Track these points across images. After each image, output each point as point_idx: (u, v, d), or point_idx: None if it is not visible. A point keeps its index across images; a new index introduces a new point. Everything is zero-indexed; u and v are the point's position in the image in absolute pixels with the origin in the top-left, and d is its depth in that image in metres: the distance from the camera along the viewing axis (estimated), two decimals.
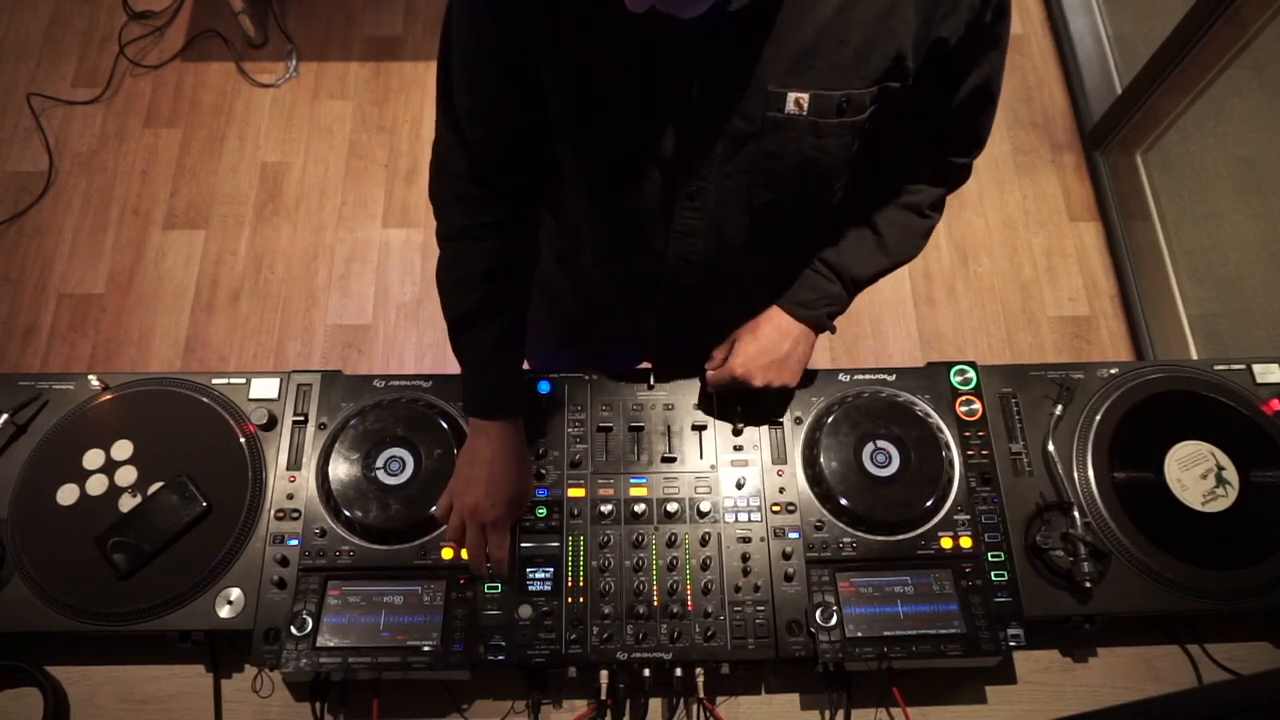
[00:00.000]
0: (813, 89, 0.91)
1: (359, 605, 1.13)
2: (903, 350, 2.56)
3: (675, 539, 1.18)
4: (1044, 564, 1.18)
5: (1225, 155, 2.44)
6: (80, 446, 1.22)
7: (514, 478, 1.13)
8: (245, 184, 2.77)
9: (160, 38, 3.00)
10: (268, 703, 1.16)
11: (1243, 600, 1.17)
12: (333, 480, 1.19)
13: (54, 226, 2.69)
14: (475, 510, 1.10)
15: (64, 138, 2.82)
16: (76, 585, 1.14)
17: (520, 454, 1.15)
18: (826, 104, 0.92)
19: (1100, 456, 1.24)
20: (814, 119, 0.93)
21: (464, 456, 1.14)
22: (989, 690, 1.18)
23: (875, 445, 1.23)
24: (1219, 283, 2.40)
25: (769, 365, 1.18)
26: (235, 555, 1.16)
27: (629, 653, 1.11)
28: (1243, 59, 2.24)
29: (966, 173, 1.17)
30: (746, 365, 1.17)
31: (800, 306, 1.18)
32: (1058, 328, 2.60)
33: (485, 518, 1.10)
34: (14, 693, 1.16)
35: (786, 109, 0.92)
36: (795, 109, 0.92)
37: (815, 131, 0.94)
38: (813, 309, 1.18)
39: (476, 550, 1.11)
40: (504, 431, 1.13)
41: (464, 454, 1.15)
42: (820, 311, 1.19)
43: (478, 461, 1.11)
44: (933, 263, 2.69)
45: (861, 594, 1.15)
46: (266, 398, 1.27)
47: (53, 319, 2.56)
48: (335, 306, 2.59)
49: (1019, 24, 3.09)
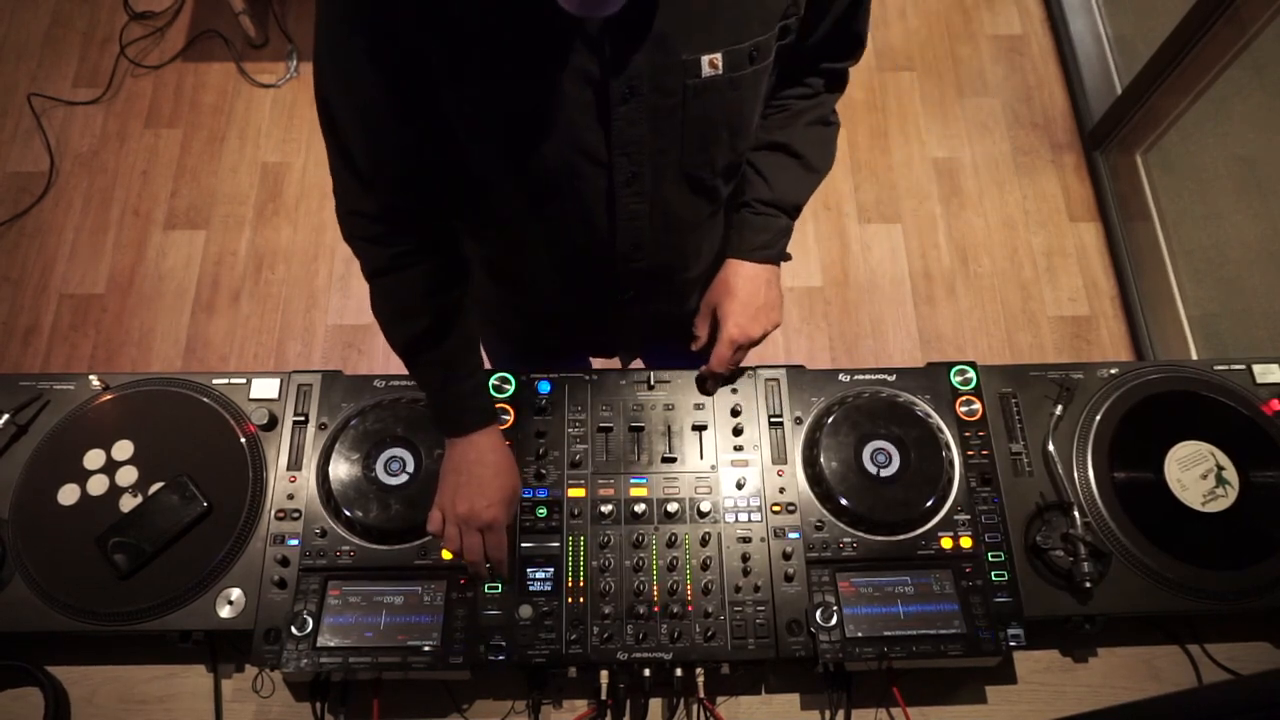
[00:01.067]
0: (723, 47, 0.92)
1: (359, 605, 1.13)
2: (903, 350, 2.56)
3: (675, 539, 1.18)
4: (1044, 564, 1.18)
5: (1225, 155, 2.44)
6: (81, 446, 1.22)
7: (502, 477, 1.10)
8: (246, 184, 2.77)
9: (161, 38, 3.00)
10: (268, 703, 1.16)
11: (1243, 600, 1.17)
12: (333, 480, 1.19)
13: (55, 227, 2.69)
14: (470, 516, 1.07)
15: (65, 138, 2.82)
16: (77, 585, 1.14)
17: (503, 453, 1.12)
18: (739, 57, 0.93)
19: (1100, 456, 1.24)
20: (730, 74, 0.94)
21: (447, 468, 1.11)
22: (989, 690, 1.18)
23: (875, 445, 1.23)
24: (1219, 283, 2.40)
25: (757, 314, 1.20)
26: (236, 555, 1.16)
27: (629, 653, 1.11)
28: (1243, 59, 2.24)
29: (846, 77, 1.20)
30: (740, 325, 1.18)
31: (760, 250, 1.20)
32: (1058, 328, 2.60)
33: (481, 521, 1.07)
34: (14, 693, 1.16)
35: (703, 73, 0.93)
36: (711, 70, 0.93)
37: (733, 85, 0.96)
38: (771, 248, 1.21)
39: (477, 555, 1.09)
40: (482, 437, 1.10)
41: (446, 466, 1.11)
42: (777, 248, 1.21)
43: (462, 469, 1.09)
44: (933, 263, 2.69)
45: (861, 594, 1.15)
46: (267, 398, 1.27)
47: (53, 319, 2.56)
48: (336, 306, 2.59)
49: (1019, 24, 3.09)
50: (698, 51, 0.91)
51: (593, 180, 1.01)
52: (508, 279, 1.27)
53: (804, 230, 2.74)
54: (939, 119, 2.90)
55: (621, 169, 1.00)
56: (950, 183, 2.79)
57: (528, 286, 1.26)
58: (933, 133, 2.88)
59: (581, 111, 0.94)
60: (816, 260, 2.69)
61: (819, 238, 2.73)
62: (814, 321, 2.61)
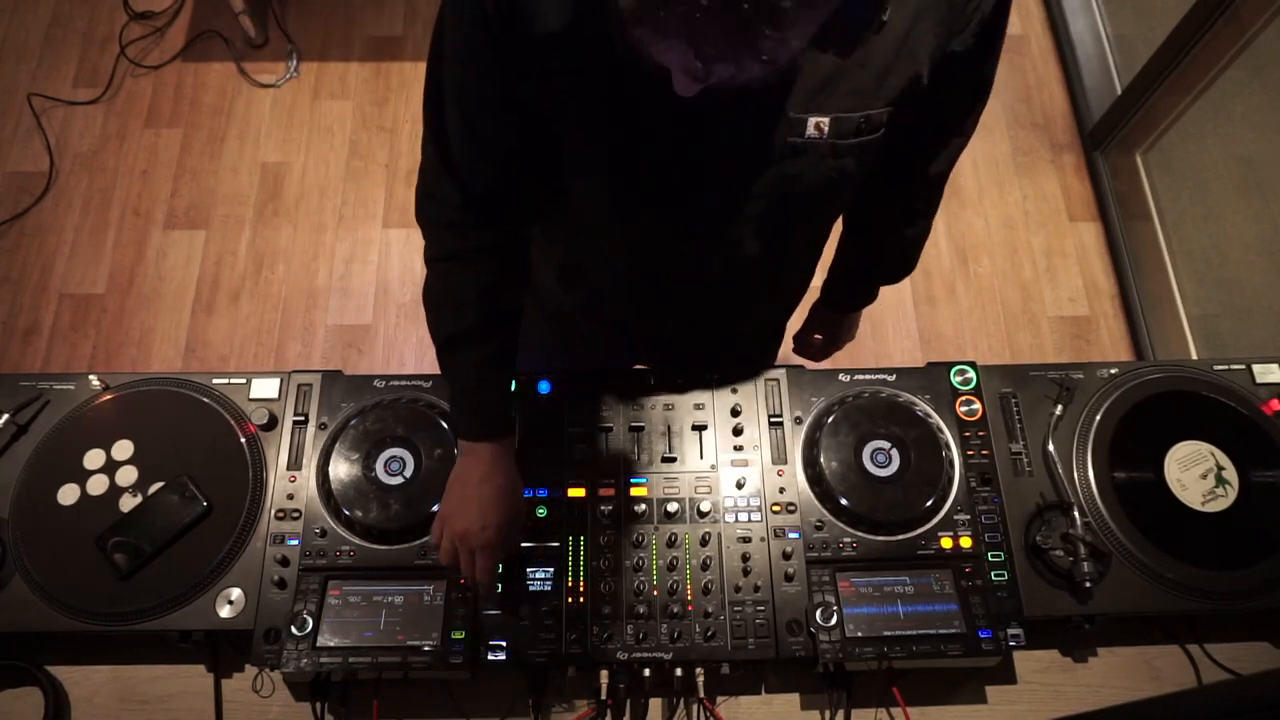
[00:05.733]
0: (832, 113, 0.90)
1: (359, 605, 1.13)
2: (903, 350, 2.56)
3: (675, 539, 1.18)
4: (1044, 564, 1.18)
5: (1225, 155, 2.44)
6: (81, 446, 1.22)
7: (505, 501, 1.09)
8: (246, 184, 2.77)
9: (161, 38, 3.00)
10: (268, 703, 1.16)
11: (1243, 600, 1.17)
12: (333, 480, 1.19)
13: (55, 227, 2.69)
14: (465, 535, 1.06)
15: (65, 138, 2.82)
16: (77, 585, 1.14)
17: (511, 476, 1.11)
18: (845, 126, 0.91)
19: (1100, 456, 1.24)
20: (833, 141, 0.92)
21: (454, 478, 1.11)
22: (989, 690, 1.18)
23: (875, 445, 1.23)
24: (1219, 283, 2.40)
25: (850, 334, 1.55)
26: (236, 555, 1.16)
27: (629, 653, 1.11)
28: (1243, 59, 2.24)
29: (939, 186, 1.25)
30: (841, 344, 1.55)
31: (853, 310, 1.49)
32: (1058, 328, 2.60)
33: (474, 543, 1.06)
34: (14, 692, 1.16)
35: (807, 134, 0.91)
36: (815, 133, 0.91)
37: (834, 153, 0.94)
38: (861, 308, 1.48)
39: (467, 573, 1.08)
40: (494, 453, 1.10)
41: (454, 476, 1.11)
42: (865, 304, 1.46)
43: (468, 484, 1.08)
44: (933, 263, 2.69)
45: (861, 594, 1.15)
46: (267, 398, 1.27)
47: (53, 319, 2.56)
48: (335, 306, 2.59)
49: (1019, 24, 3.09)
50: (806, 112, 0.89)
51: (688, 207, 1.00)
52: (579, 284, 1.26)
53: None
54: None
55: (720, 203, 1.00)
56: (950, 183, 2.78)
57: (601, 292, 1.25)
58: None
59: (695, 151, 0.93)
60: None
61: None
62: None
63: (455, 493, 1.10)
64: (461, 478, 1.10)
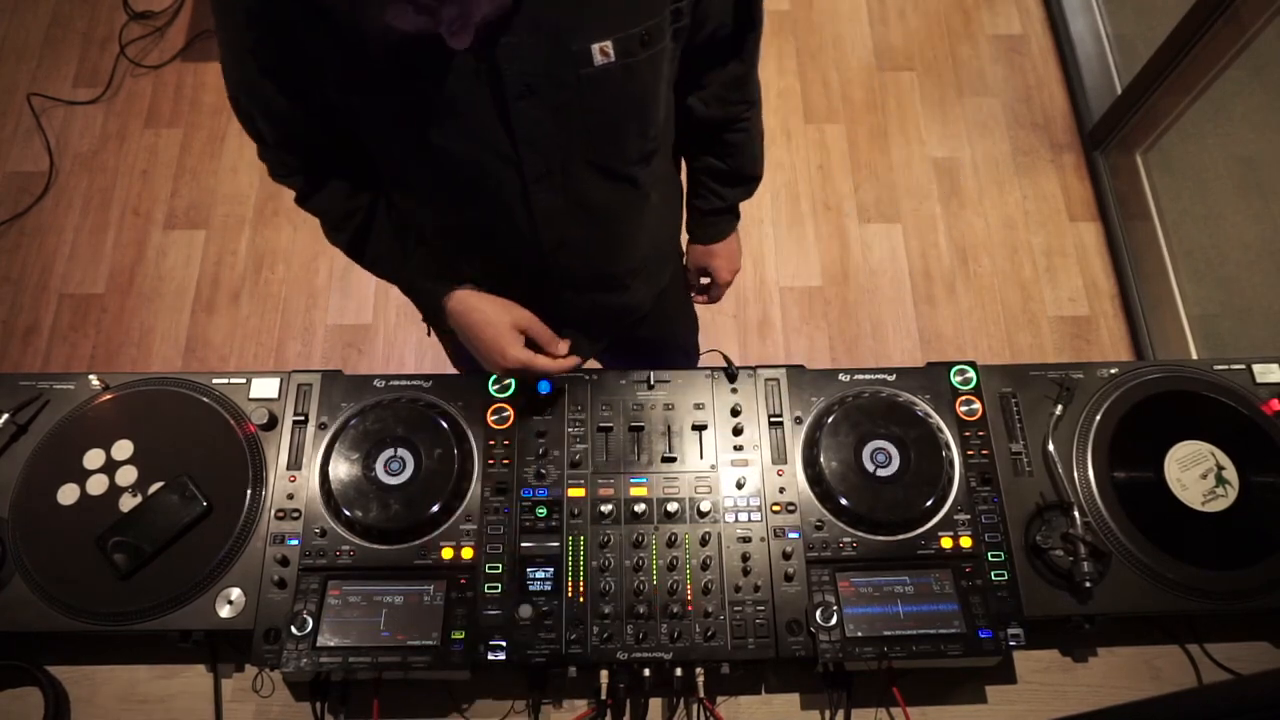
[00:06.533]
0: (612, 35, 0.92)
1: (359, 605, 1.13)
2: (903, 350, 2.57)
3: (675, 539, 1.18)
4: (1044, 564, 1.18)
5: (1225, 155, 2.44)
6: (81, 446, 1.22)
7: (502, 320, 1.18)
8: (246, 184, 2.77)
9: (161, 38, 3.00)
10: (268, 703, 1.16)
11: (1243, 600, 1.17)
12: (333, 480, 1.19)
13: (55, 226, 2.69)
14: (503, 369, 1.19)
15: (64, 138, 2.82)
16: (77, 585, 1.14)
17: (487, 302, 1.20)
18: (630, 43, 0.93)
19: (1100, 456, 1.24)
20: (624, 61, 0.94)
21: (470, 335, 1.20)
22: (989, 690, 1.18)
23: (875, 445, 1.23)
24: (1219, 283, 2.40)
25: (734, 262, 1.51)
26: (235, 555, 1.16)
27: (629, 653, 1.11)
28: (1243, 59, 2.25)
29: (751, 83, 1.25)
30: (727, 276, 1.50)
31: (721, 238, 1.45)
32: (1058, 328, 2.61)
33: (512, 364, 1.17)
34: (14, 692, 1.16)
35: (595, 61, 0.93)
36: (603, 58, 0.93)
37: (629, 73, 0.96)
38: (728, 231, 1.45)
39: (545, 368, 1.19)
40: (461, 299, 1.19)
41: (467, 335, 1.21)
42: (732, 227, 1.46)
43: (469, 334, 1.20)
44: (933, 262, 2.69)
45: (861, 594, 1.15)
46: (267, 398, 1.27)
47: (53, 319, 2.56)
48: (335, 306, 2.59)
49: (1019, 24, 3.09)
50: (587, 41, 0.92)
51: (505, 177, 1.03)
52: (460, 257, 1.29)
53: (804, 230, 2.74)
54: (939, 119, 2.90)
55: (531, 164, 1.02)
56: (950, 183, 2.79)
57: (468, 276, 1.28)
58: (933, 133, 2.88)
59: (480, 109, 0.95)
60: (816, 260, 2.69)
61: (819, 238, 2.73)
62: (814, 321, 2.61)
63: (471, 348, 1.22)
64: (461, 330, 1.21)
